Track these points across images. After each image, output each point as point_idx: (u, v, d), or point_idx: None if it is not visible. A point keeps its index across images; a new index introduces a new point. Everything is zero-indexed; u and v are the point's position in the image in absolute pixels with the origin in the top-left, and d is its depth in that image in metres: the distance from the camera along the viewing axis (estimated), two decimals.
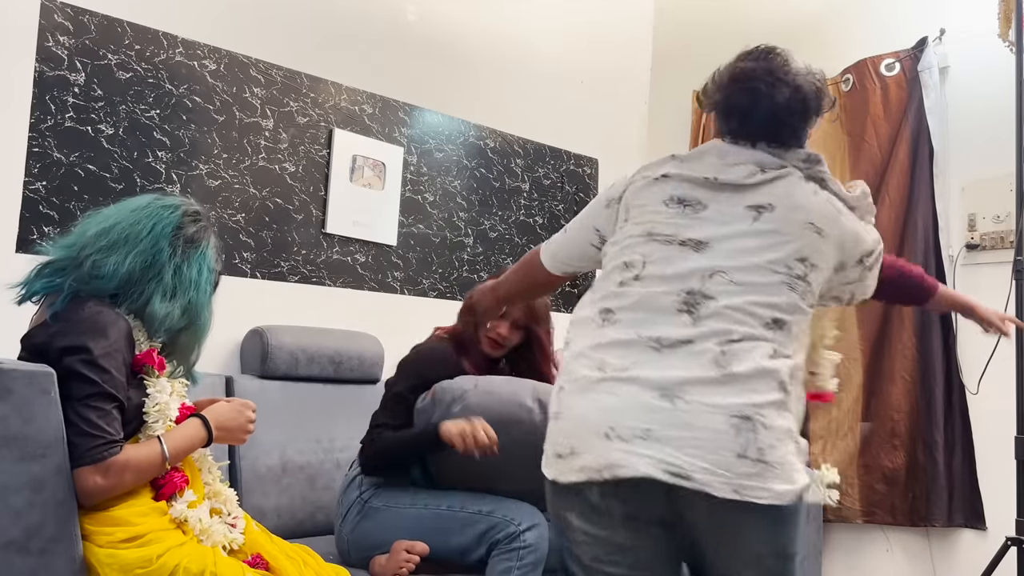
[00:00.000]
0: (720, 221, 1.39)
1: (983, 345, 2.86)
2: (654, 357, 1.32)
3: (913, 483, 3.03)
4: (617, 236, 1.47)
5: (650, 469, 1.25)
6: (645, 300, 1.36)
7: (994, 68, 2.95)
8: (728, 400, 1.28)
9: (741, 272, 1.35)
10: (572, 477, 1.31)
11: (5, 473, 1.32)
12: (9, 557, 1.31)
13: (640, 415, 1.28)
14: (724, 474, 1.25)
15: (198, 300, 1.56)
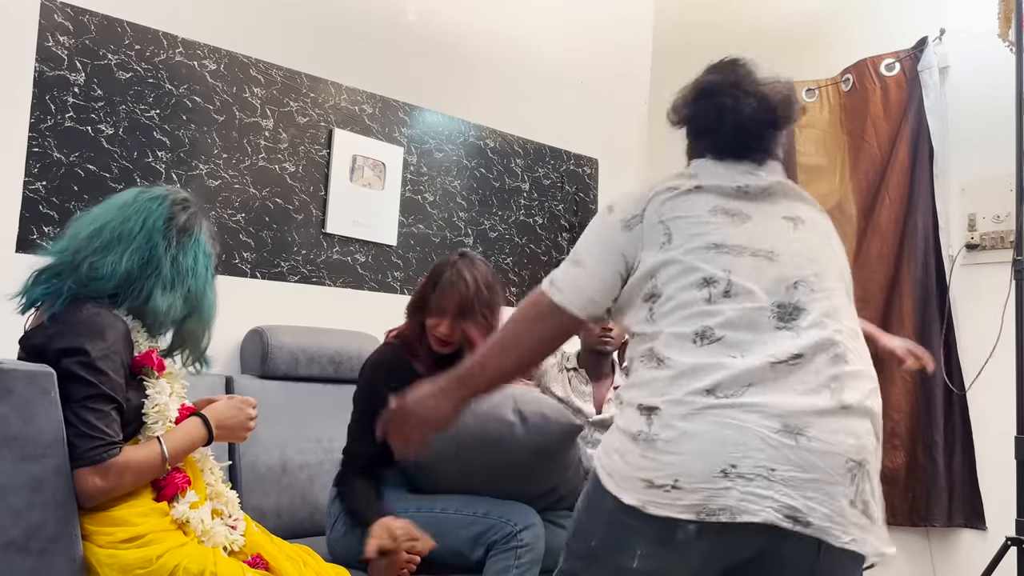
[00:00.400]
0: (769, 232, 1.35)
1: (983, 345, 2.87)
2: (769, 378, 1.23)
3: (913, 483, 3.03)
4: (666, 254, 1.33)
5: (772, 515, 1.17)
6: (743, 317, 1.27)
7: (994, 68, 2.95)
8: (847, 439, 1.22)
9: (817, 279, 1.32)
10: (670, 512, 1.19)
11: (5, 473, 1.32)
12: (9, 557, 1.31)
13: (763, 451, 1.18)
14: (841, 521, 1.19)
15: (198, 287, 1.56)
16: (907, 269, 3.10)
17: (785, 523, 1.17)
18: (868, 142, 3.24)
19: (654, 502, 1.20)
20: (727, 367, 1.23)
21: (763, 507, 1.16)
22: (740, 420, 1.19)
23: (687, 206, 1.36)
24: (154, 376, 1.51)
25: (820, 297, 1.31)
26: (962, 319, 3.01)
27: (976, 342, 2.94)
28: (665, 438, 1.21)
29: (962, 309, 3.02)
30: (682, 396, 1.23)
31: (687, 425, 1.21)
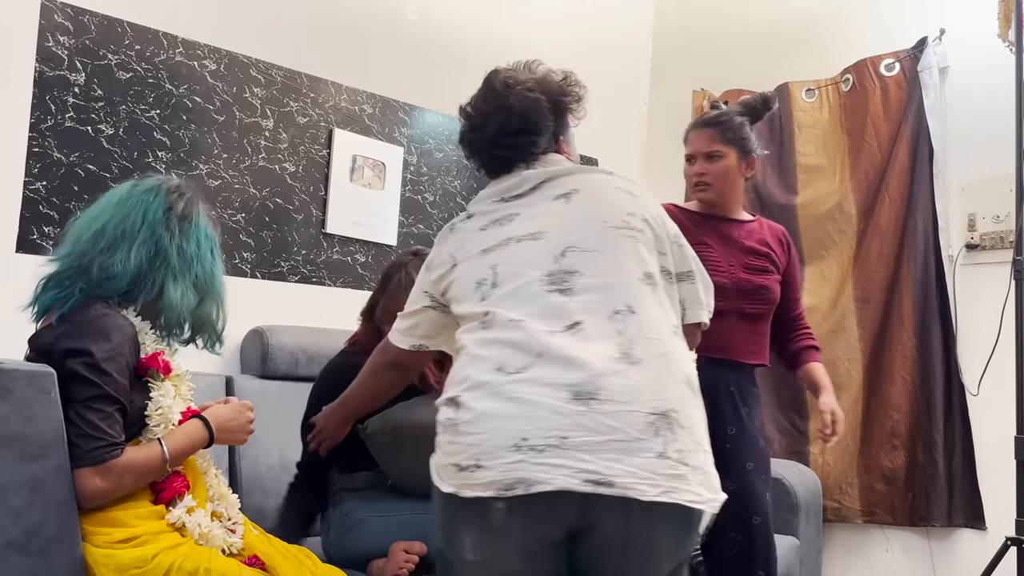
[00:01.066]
0: (538, 216, 1.41)
1: (983, 345, 2.87)
2: (553, 348, 1.26)
3: (913, 483, 3.03)
4: (454, 274, 1.44)
5: (567, 482, 1.18)
6: (512, 293, 1.34)
7: (994, 68, 2.95)
8: (642, 396, 1.24)
9: (590, 237, 1.37)
10: (478, 492, 1.22)
11: (5, 473, 1.32)
12: (9, 557, 1.31)
13: (554, 420, 1.21)
14: (649, 476, 1.20)
15: (205, 271, 1.56)
16: (907, 269, 3.10)
17: (585, 487, 1.18)
18: (868, 142, 3.25)
19: (465, 485, 1.23)
20: (511, 344, 1.28)
21: (555, 475, 1.18)
22: (529, 393, 1.23)
23: (463, 234, 1.47)
24: (159, 379, 1.50)
25: (593, 256, 1.35)
26: (962, 319, 3.01)
27: (976, 342, 2.94)
28: (465, 420, 1.26)
29: (962, 309, 3.02)
30: (475, 380, 1.28)
31: (482, 405, 1.25)
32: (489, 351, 1.29)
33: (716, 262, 2.05)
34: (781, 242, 2.17)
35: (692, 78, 3.74)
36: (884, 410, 3.10)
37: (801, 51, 3.56)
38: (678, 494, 1.21)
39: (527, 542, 1.25)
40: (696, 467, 1.25)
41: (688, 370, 1.34)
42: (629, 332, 1.29)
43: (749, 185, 3.49)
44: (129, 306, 1.51)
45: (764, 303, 2.08)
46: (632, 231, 1.40)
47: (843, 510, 3.17)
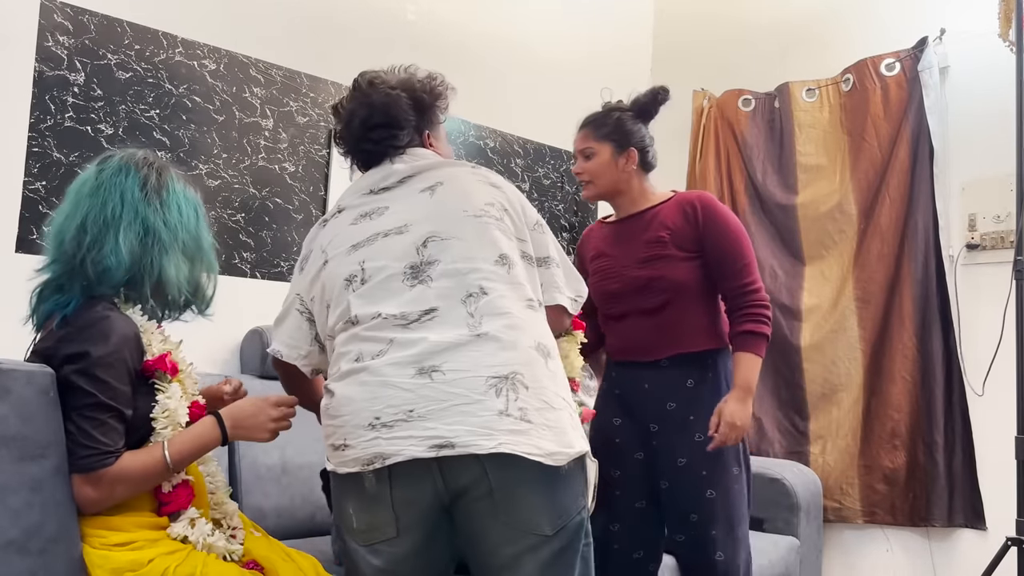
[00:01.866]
0: (408, 208, 1.48)
1: (983, 346, 2.87)
2: (403, 333, 1.36)
3: (913, 483, 3.03)
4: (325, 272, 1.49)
5: (415, 450, 1.28)
6: (376, 287, 1.41)
7: (994, 68, 2.95)
8: (484, 361, 1.32)
9: (449, 227, 1.44)
10: (348, 468, 1.34)
11: (4, 473, 1.32)
12: (9, 557, 1.31)
13: (400, 397, 1.31)
14: (487, 432, 1.27)
15: (191, 236, 1.52)
16: (907, 269, 3.10)
17: (430, 452, 1.27)
18: (868, 142, 3.24)
19: (339, 462, 1.36)
20: (368, 338, 1.38)
21: (404, 447, 1.28)
22: (379, 376, 1.33)
23: (334, 228, 1.53)
24: (167, 380, 1.46)
25: (451, 244, 1.43)
26: (963, 319, 3.01)
27: (976, 342, 2.94)
28: (333, 405, 1.38)
29: (963, 309, 3.02)
30: (340, 370, 1.39)
31: (344, 391, 1.37)
32: (350, 346, 1.39)
33: (609, 270, 2.08)
34: (686, 214, 2.02)
35: (692, 78, 3.74)
36: (884, 410, 3.10)
37: (801, 51, 3.56)
38: (516, 446, 1.27)
39: (397, 509, 1.33)
40: (540, 424, 1.31)
41: (540, 337, 1.40)
42: (479, 311, 1.37)
43: (749, 184, 3.51)
44: (133, 299, 1.47)
45: (661, 292, 1.99)
46: (489, 218, 1.48)
47: (843, 510, 3.16)
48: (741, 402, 1.91)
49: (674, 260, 1.99)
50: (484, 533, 1.34)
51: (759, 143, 3.55)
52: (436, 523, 1.36)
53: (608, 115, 2.12)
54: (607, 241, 2.13)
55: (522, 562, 1.33)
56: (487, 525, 1.33)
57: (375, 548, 1.36)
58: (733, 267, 1.99)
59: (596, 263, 2.13)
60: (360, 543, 1.38)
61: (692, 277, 2.00)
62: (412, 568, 1.38)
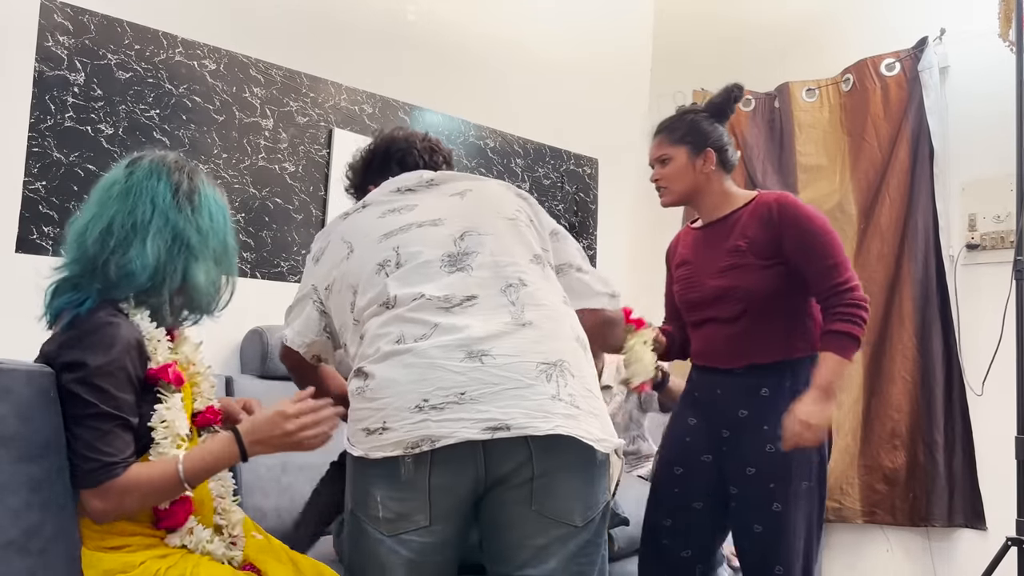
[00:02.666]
0: (436, 207, 1.51)
1: (983, 346, 2.87)
2: (446, 317, 1.35)
3: (913, 483, 3.03)
4: (351, 261, 1.50)
5: (468, 433, 1.26)
6: (414, 271, 1.41)
7: (994, 68, 2.95)
8: (531, 348, 1.33)
9: (485, 224, 1.47)
10: (385, 452, 1.30)
11: (3, 473, 1.32)
12: (9, 557, 1.31)
13: (451, 379, 1.29)
14: (543, 414, 1.28)
15: (220, 241, 1.48)
16: (907, 269, 3.10)
17: (485, 435, 1.26)
18: (868, 142, 3.24)
19: (374, 447, 1.31)
20: (410, 320, 1.36)
21: (457, 428, 1.27)
22: (426, 358, 1.31)
23: (359, 221, 1.55)
24: (170, 390, 1.42)
25: (488, 239, 1.45)
26: (963, 319, 3.01)
27: (977, 342, 2.94)
28: (372, 387, 1.34)
29: (963, 309, 3.02)
30: (379, 351, 1.36)
31: (385, 372, 1.33)
32: (390, 327, 1.37)
33: (691, 278, 2.06)
34: (764, 218, 1.95)
35: (692, 78, 3.74)
36: (884, 410, 3.10)
37: (801, 51, 3.56)
38: (571, 429, 1.29)
39: (433, 496, 1.31)
40: (588, 411, 1.33)
41: (577, 330, 1.43)
42: (521, 301, 1.38)
43: (749, 184, 3.50)
44: (146, 303, 1.43)
45: (738, 302, 1.95)
46: (521, 222, 1.53)
47: (844, 510, 3.16)
48: (817, 402, 1.83)
49: (752, 269, 1.94)
50: (514, 523, 1.34)
51: (759, 143, 3.55)
52: (466, 514, 1.36)
53: (681, 119, 2.08)
54: (692, 248, 2.10)
55: (549, 553, 1.34)
56: (520, 514, 1.33)
57: (402, 538, 1.33)
58: (820, 267, 1.90)
59: (680, 271, 2.11)
60: (385, 533, 1.33)
61: (772, 285, 1.93)
62: (440, 559, 1.36)
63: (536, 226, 1.56)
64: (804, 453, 1.88)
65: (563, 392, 1.31)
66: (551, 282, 1.48)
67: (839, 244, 1.93)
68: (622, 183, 3.88)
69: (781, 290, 1.94)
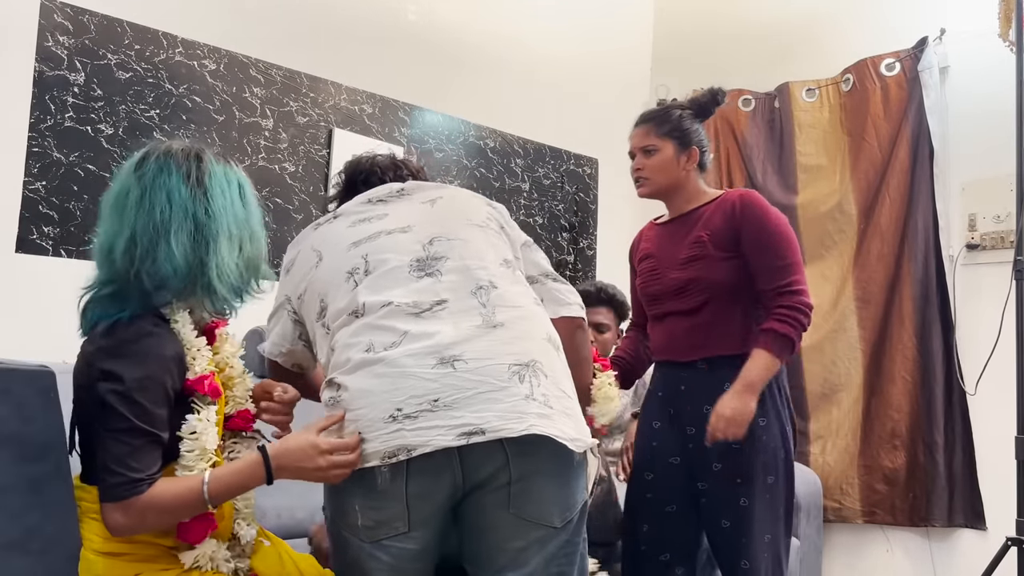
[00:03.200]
0: (409, 213, 1.52)
1: (983, 346, 2.87)
2: (416, 324, 1.35)
3: (913, 483, 3.03)
4: (320, 269, 1.51)
5: (444, 440, 1.26)
6: (382, 277, 1.41)
7: (994, 68, 2.95)
8: (503, 349, 1.33)
9: (454, 229, 1.47)
10: (361, 464, 1.30)
11: (3, 474, 1.32)
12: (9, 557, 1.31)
13: (423, 387, 1.29)
14: (517, 415, 1.28)
15: (235, 218, 1.45)
16: (907, 269, 3.10)
17: (460, 441, 1.26)
18: (868, 142, 3.24)
19: None
20: (379, 327, 1.36)
21: (432, 436, 1.26)
22: (398, 367, 1.31)
23: (329, 231, 1.56)
24: (205, 402, 1.38)
25: (458, 244, 1.45)
26: (962, 319, 3.01)
27: (976, 342, 2.94)
28: (345, 398, 1.34)
29: (962, 309, 3.02)
30: (350, 361, 1.35)
31: (357, 383, 1.33)
32: (360, 336, 1.37)
33: (653, 271, 2.07)
34: (727, 212, 1.96)
35: (692, 78, 3.73)
36: (884, 410, 3.10)
37: (801, 51, 3.56)
38: (545, 428, 1.29)
39: (411, 503, 1.30)
40: (561, 410, 1.33)
41: (549, 331, 1.43)
42: (491, 302, 1.38)
43: (749, 184, 3.50)
44: (188, 299, 1.41)
45: (699, 294, 1.96)
46: (490, 229, 1.53)
47: (843, 510, 3.16)
48: (738, 396, 1.85)
49: (713, 261, 1.95)
50: (493, 527, 1.34)
51: (759, 143, 3.55)
52: (446, 519, 1.36)
53: (669, 112, 2.07)
54: (655, 242, 2.12)
55: (528, 556, 1.34)
56: (498, 518, 1.33)
57: (382, 544, 1.33)
58: (772, 265, 1.92)
59: (643, 264, 2.13)
60: (365, 539, 1.33)
61: (732, 278, 1.95)
62: (420, 564, 1.36)
63: (507, 234, 1.57)
64: (768, 448, 1.91)
65: (536, 392, 1.31)
66: (521, 285, 1.48)
67: (796, 247, 1.97)
68: (622, 183, 3.87)
69: (741, 283, 1.96)
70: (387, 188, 1.62)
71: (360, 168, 1.74)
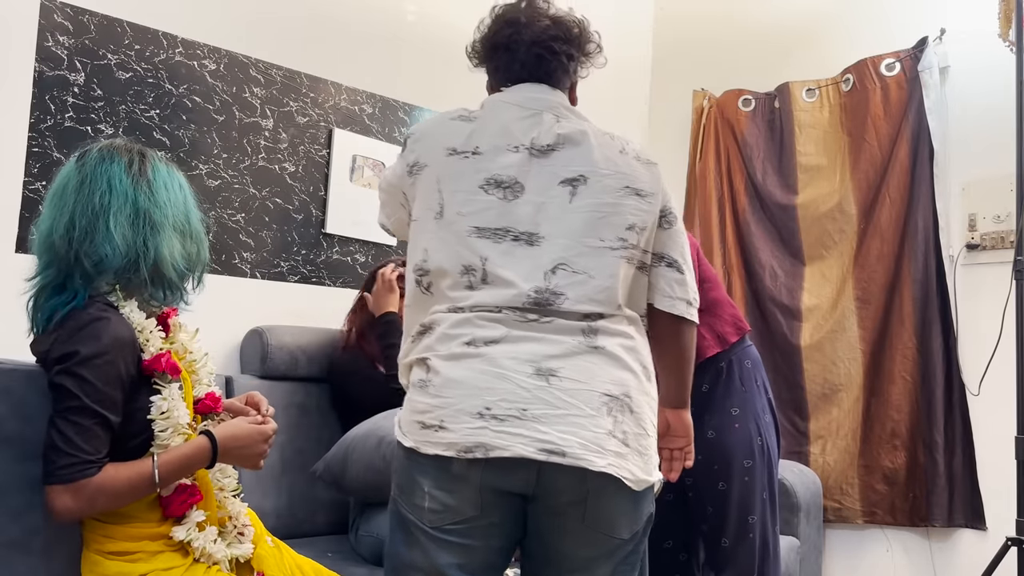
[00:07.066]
0: (542, 204, 1.40)
1: (983, 346, 2.87)
2: (520, 330, 1.34)
3: (913, 483, 3.03)
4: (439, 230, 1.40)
5: (523, 449, 1.27)
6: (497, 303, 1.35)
7: (994, 68, 2.95)
8: (599, 376, 1.33)
9: (581, 259, 1.39)
10: (437, 451, 1.30)
11: (4, 473, 1.32)
12: (10, 557, 1.31)
13: (516, 394, 1.29)
14: (598, 450, 1.29)
15: (180, 212, 1.47)
16: (907, 269, 3.10)
17: (541, 456, 1.27)
18: (868, 142, 3.24)
19: (427, 441, 1.32)
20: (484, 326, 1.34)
21: (513, 443, 1.27)
22: (496, 367, 1.31)
23: (457, 173, 1.42)
24: (166, 380, 1.41)
25: (580, 281, 1.37)
26: (962, 319, 3.01)
27: (976, 342, 2.94)
28: (435, 383, 1.33)
29: (962, 309, 3.02)
30: (448, 349, 1.34)
31: (451, 371, 1.32)
32: (463, 328, 1.35)
33: None
34: None
35: (692, 78, 3.74)
36: (884, 410, 3.10)
37: (801, 51, 3.56)
38: (618, 469, 1.31)
39: (484, 492, 1.31)
40: (636, 449, 1.35)
41: (645, 360, 1.42)
42: (595, 328, 1.37)
43: (749, 184, 3.51)
44: (131, 288, 1.42)
45: None
46: (625, 250, 1.42)
47: (843, 510, 3.16)
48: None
49: None
50: (564, 533, 1.35)
51: (759, 143, 3.55)
52: (516, 511, 1.36)
53: None
54: None
55: (597, 564, 1.37)
56: (569, 526, 1.35)
57: (446, 529, 1.32)
58: None
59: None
60: (427, 524, 1.32)
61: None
62: (484, 552, 1.35)
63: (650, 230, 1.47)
64: (742, 434, 2.09)
65: (618, 429, 1.32)
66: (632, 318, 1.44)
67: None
68: None
69: None
70: (534, 122, 1.46)
71: (500, 38, 1.59)
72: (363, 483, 2.09)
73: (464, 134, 1.45)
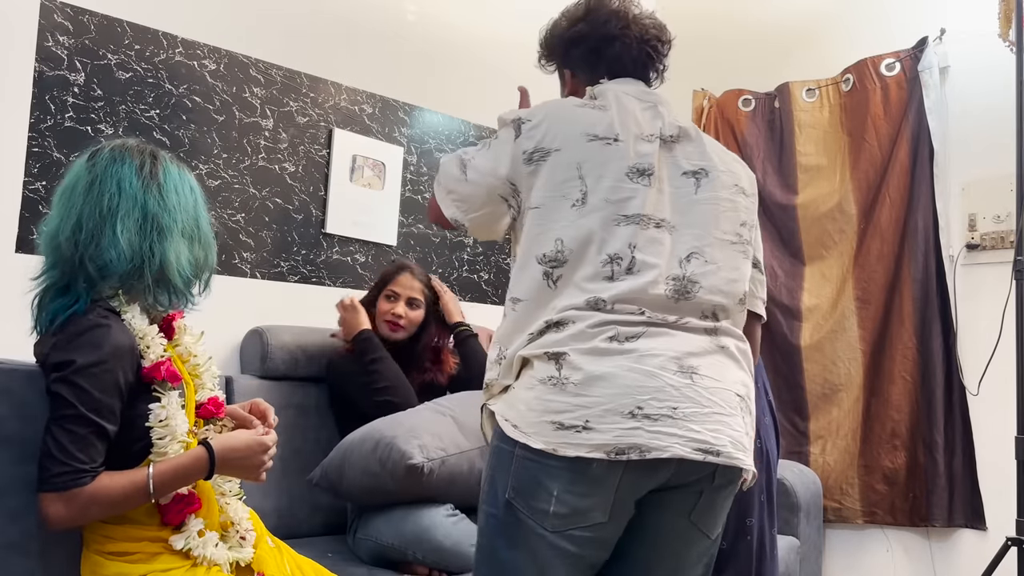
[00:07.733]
0: (673, 193, 1.40)
1: (983, 346, 2.87)
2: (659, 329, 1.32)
3: (913, 483, 3.03)
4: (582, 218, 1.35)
5: (680, 450, 1.24)
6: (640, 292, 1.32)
7: (994, 68, 2.95)
8: (729, 376, 1.35)
9: (710, 249, 1.39)
10: (580, 452, 1.23)
11: (3, 474, 1.32)
12: (9, 558, 1.31)
13: (666, 392, 1.26)
14: (743, 448, 1.32)
15: (189, 217, 1.45)
16: (907, 269, 3.10)
17: (696, 455, 1.26)
18: (868, 142, 3.24)
19: (565, 443, 1.25)
20: (625, 323, 1.30)
21: (670, 443, 1.24)
22: (645, 364, 1.27)
23: (600, 159, 1.37)
24: (166, 388, 1.39)
25: (711, 271, 1.38)
26: (962, 319, 3.01)
27: (976, 342, 2.94)
28: (576, 380, 1.26)
29: (962, 309, 3.02)
30: (587, 344, 1.28)
31: (594, 367, 1.26)
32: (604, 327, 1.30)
33: None
34: None
35: (692, 78, 3.74)
36: (884, 410, 3.10)
37: (801, 51, 3.56)
38: (751, 465, 1.36)
39: (621, 494, 1.27)
40: (750, 447, 1.37)
41: (752, 364, 1.46)
42: (718, 329, 1.38)
43: None
44: (134, 293, 1.40)
45: None
46: (743, 245, 1.45)
47: (843, 510, 3.16)
48: None
49: None
50: (669, 527, 1.36)
51: (759, 143, 3.55)
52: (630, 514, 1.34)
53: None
54: None
55: (691, 560, 1.39)
56: (677, 523, 1.35)
57: (569, 534, 1.27)
58: None
59: None
60: (549, 528, 1.27)
61: None
62: (603, 553, 1.34)
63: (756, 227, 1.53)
64: None
65: (748, 428, 1.36)
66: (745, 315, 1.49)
67: None
68: None
69: None
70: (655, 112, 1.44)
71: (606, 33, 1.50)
72: (360, 488, 2.09)
73: (603, 121, 1.40)
